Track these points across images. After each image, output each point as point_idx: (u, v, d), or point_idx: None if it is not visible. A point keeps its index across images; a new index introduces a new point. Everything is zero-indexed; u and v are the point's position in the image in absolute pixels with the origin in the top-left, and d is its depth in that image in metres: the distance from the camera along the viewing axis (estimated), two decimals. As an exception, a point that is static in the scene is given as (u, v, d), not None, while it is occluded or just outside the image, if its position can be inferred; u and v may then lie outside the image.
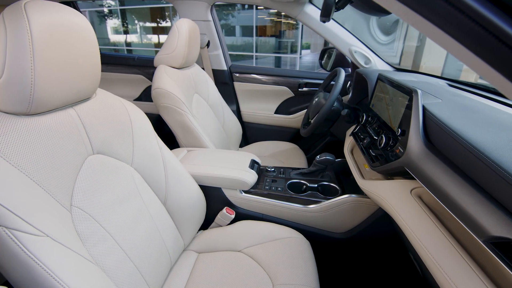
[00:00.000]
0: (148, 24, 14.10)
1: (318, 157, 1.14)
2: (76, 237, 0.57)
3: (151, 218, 0.78)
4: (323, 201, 1.03)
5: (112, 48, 14.61)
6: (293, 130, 1.91)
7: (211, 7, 1.68)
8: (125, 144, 0.75)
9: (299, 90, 1.82)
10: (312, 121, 1.25)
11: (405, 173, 0.70)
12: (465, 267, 0.48)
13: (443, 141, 0.59)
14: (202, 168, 1.09)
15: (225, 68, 1.85)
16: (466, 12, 0.22)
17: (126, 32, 14.43)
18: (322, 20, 0.94)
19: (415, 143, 0.66)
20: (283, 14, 1.58)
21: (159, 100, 1.27)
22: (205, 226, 1.06)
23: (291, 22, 11.48)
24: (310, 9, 1.50)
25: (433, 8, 0.23)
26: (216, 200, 1.09)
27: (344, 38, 1.48)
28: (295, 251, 0.89)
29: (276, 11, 1.61)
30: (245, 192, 1.08)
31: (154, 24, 13.89)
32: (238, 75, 1.88)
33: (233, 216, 1.06)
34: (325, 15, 0.90)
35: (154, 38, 14.05)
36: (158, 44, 13.48)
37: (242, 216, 1.09)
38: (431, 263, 0.53)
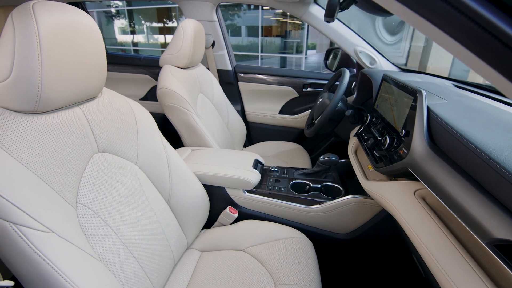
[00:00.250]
0: (154, 25, 14.22)
1: (321, 157, 1.14)
2: (81, 233, 0.58)
3: (155, 216, 0.79)
4: (326, 201, 1.03)
5: (119, 48, 14.76)
6: (297, 130, 1.91)
7: (216, 7, 1.69)
8: (130, 143, 0.76)
9: (304, 90, 1.82)
10: (316, 121, 1.25)
11: (409, 174, 0.69)
12: (467, 270, 0.48)
13: (447, 142, 0.59)
14: (205, 167, 1.09)
15: (230, 68, 1.86)
16: (465, 12, 0.22)
17: (133, 32, 14.57)
18: (326, 20, 0.94)
19: (419, 144, 0.65)
20: (288, 14, 1.59)
21: (164, 99, 1.29)
22: (208, 225, 1.07)
23: (296, 22, 11.46)
24: (315, 9, 1.50)
25: (432, 8, 0.23)
26: (219, 199, 1.10)
27: (349, 38, 1.47)
28: (297, 251, 0.89)
29: (282, 11, 1.60)
30: (248, 191, 1.09)
31: (161, 25, 14.00)
32: (242, 75, 1.89)
33: (236, 215, 1.07)
34: (329, 15, 0.90)
35: (161, 38, 14.16)
36: (164, 44, 13.59)
37: (245, 215, 1.09)
38: (433, 265, 0.53)
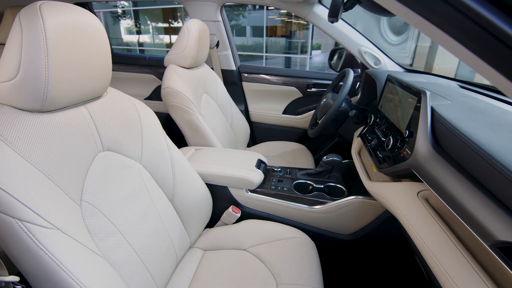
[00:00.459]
0: (160, 25, 14.31)
1: (325, 158, 1.13)
2: (85, 231, 0.59)
3: (158, 215, 0.80)
4: (329, 202, 1.02)
5: (125, 48, 14.88)
6: (301, 130, 1.90)
7: (220, 7, 1.69)
8: (134, 142, 0.77)
9: (308, 90, 1.82)
10: (319, 121, 1.25)
11: (412, 175, 0.69)
12: (470, 272, 0.47)
13: (451, 143, 0.58)
14: (209, 167, 1.10)
15: (234, 68, 1.86)
16: (465, 12, 0.22)
17: (139, 32, 14.69)
18: (330, 20, 0.94)
19: (422, 145, 0.65)
20: (293, 14, 1.59)
21: (169, 99, 1.30)
22: (211, 224, 1.08)
23: (301, 22, 11.43)
24: (319, 9, 1.50)
25: (432, 8, 0.23)
26: (222, 198, 1.10)
27: (353, 38, 1.47)
28: (300, 251, 0.89)
29: (287, 11, 1.60)
30: (251, 191, 1.09)
31: (166, 25, 14.08)
32: (246, 75, 1.89)
33: (239, 215, 1.07)
34: (333, 16, 0.90)
35: (166, 38, 14.24)
36: (169, 44, 13.67)
37: (247, 215, 1.10)
38: (436, 267, 0.53)
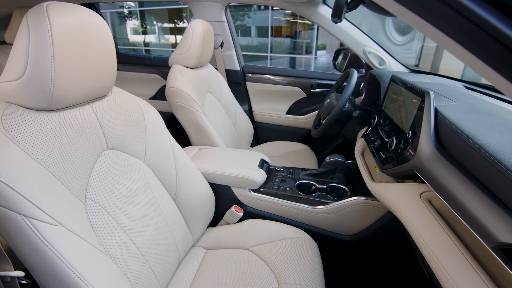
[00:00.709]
0: (166, 25, 14.40)
1: (327, 158, 1.13)
2: (89, 228, 0.60)
3: (161, 213, 0.80)
4: (331, 202, 1.02)
5: (131, 48, 15.01)
6: (304, 131, 1.90)
7: (225, 8, 1.70)
8: (138, 141, 0.78)
9: (312, 91, 1.82)
10: (323, 122, 1.25)
11: (415, 176, 0.68)
12: (472, 274, 0.47)
13: (454, 144, 0.58)
14: (212, 166, 1.11)
15: (238, 68, 1.87)
16: (462, 12, 0.22)
17: (145, 32, 14.80)
18: (334, 20, 0.93)
19: (425, 145, 0.64)
20: (298, 14, 1.60)
21: (173, 98, 1.31)
22: (213, 223, 1.08)
23: (306, 22, 11.40)
24: (323, 9, 1.50)
25: (429, 8, 0.23)
26: (225, 198, 1.11)
27: (358, 38, 1.46)
28: (302, 251, 0.89)
29: (291, 11, 1.61)
30: (253, 191, 1.09)
31: (172, 25, 14.16)
32: (250, 75, 1.90)
33: (241, 214, 1.08)
34: (336, 16, 0.90)
35: (172, 39, 14.33)
36: (175, 45, 13.73)
37: (250, 214, 1.10)
38: (437, 268, 0.52)
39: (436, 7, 0.23)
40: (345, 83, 1.34)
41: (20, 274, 0.52)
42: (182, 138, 1.42)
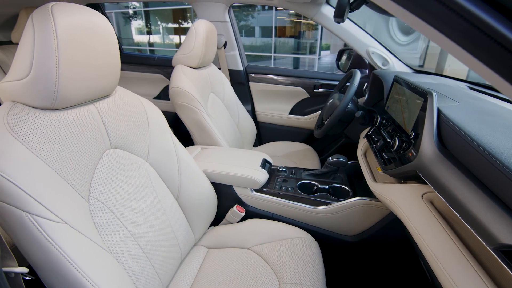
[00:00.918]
0: (170, 25, 14.46)
1: (330, 158, 1.13)
2: (92, 226, 0.60)
3: (164, 212, 0.81)
4: (333, 202, 1.02)
5: (136, 48, 15.10)
6: (307, 131, 1.90)
7: (228, 8, 1.71)
8: (141, 140, 0.79)
9: (315, 91, 1.81)
10: (326, 122, 1.24)
11: (418, 177, 0.68)
12: (473, 276, 0.47)
13: (456, 144, 0.58)
14: (214, 165, 1.11)
15: (241, 68, 1.87)
16: (459, 12, 0.22)
17: (149, 32, 14.87)
18: (336, 21, 0.93)
19: (428, 146, 0.64)
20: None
21: (176, 98, 1.31)
22: (215, 222, 1.09)
23: (310, 23, 11.37)
24: (326, 9, 1.50)
25: (426, 8, 0.23)
26: (227, 197, 1.11)
27: (361, 39, 1.45)
28: (303, 251, 0.89)
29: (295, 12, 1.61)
30: (255, 190, 1.10)
31: (176, 25, 14.23)
32: (253, 75, 1.90)
33: (243, 214, 1.08)
34: (338, 16, 0.89)
35: (176, 39, 14.39)
36: (179, 45, 13.75)
37: (252, 214, 1.10)
38: (438, 270, 0.52)
39: (434, 7, 0.23)
40: (348, 84, 1.34)
41: (24, 270, 0.53)
42: (185, 137, 1.43)
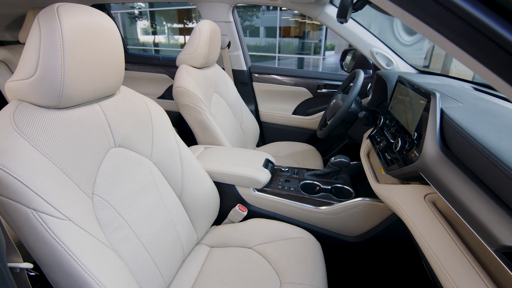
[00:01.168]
0: (175, 25, 14.54)
1: (332, 159, 1.13)
2: (96, 223, 0.61)
3: (166, 210, 0.82)
4: (335, 203, 1.02)
5: (141, 48, 15.21)
6: (310, 131, 1.90)
7: (232, 8, 1.71)
8: (144, 139, 0.80)
9: (318, 91, 1.81)
10: (329, 122, 1.24)
11: (420, 178, 0.68)
12: (475, 278, 0.47)
13: (459, 145, 0.57)
14: (217, 165, 1.12)
15: (244, 68, 1.88)
16: (457, 13, 0.22)
17: (155, 33, 14.97)
18: (339, 21, 0.93)
19: (430, 147, 0.64)
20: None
21: (180, 98, 1.32)
22: (218, 221, 1.09)
23: (315, 23, 11.34)
24: (330, 10, 1.49)
25: (424, 8, 0.23)
26: (229, 197, 1.12)
27: (365, 39, 1.45)
28: (305, 251, 0.89)
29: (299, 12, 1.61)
30: (258, 190, 1.10)
31: (181, 25, 14.29)
32: (257, 75, 1.90)
33: (245, 213, 1.08)
34: (341, 16, 0.89)
35: (181, 39, 14.45)
36: (183, 45, 13.78)
37: (254, 214, 1.11)
38: (440, 272, 0.52)
39: (431, 8, 0.23)
40: (351, 84, 1.34)
41: (29, 266, 0.54)
42: (189, 137, 1.43)
